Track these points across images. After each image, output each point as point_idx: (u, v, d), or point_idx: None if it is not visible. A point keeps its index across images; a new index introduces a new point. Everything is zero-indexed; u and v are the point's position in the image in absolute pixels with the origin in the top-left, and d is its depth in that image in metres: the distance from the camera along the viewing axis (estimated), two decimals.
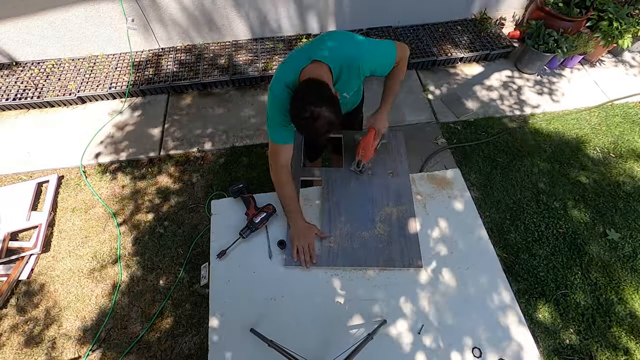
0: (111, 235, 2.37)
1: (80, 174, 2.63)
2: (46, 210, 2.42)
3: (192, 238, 2.34)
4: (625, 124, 2.97)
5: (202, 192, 2.55)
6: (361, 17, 3.33)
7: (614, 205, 2.53)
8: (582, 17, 3.06)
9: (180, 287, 2.18)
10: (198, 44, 3.28)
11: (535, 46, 3.05)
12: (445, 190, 1.61)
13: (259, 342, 1.16)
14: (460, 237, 1.47)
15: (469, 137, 2.86)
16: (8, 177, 2.63)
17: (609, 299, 2.16)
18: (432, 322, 1.29)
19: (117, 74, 3.07)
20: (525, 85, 3.22)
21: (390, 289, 1.35)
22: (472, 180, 2.63)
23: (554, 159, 2.75)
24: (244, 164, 2.69)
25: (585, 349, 2.02)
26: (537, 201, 2.53)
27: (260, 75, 3.06)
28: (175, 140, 2.81)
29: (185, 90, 3.11)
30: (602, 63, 3.43)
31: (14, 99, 2.90)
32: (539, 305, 2.14)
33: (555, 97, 3.15)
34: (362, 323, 1.28)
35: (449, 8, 3.42)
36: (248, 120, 2.94)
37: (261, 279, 1.37)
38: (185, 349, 2.00)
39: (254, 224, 1.42)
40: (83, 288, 2.18)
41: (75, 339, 2.02)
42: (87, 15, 2.87)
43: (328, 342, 1.23)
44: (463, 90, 3.16)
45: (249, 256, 1.42)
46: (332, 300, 1.33)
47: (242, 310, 1.30)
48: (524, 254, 2.31)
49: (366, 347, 1.13)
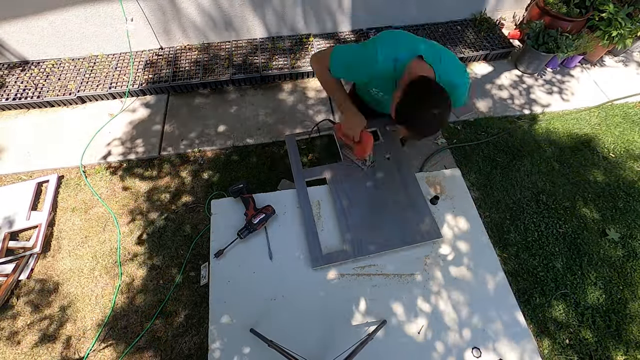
0: (111, 235, 2.37)
1: (80, 174, 2.63)
2: (46, 210, 2.42)
3: (192, 238, 2.34)
4: (625, 124, 2.97)
5: (202, 192, 2.55)
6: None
7: (614, 205, 2.53)
8: (582, 17, 3.06)
9: (180, 287, 2.18)
10: (200, 43, 3.28)
11: (535, 46, 3.05)
12: (444, 190, 1.61)
13: (259, 342, 1.16)
14: (460, 237, 1.47)
15: (469, 137, 2.86)
16: (8, 177, 2.63)
17: (609, 299, 2.16)
18: (432, 322, 1.29)
19: (117, 74, 3.07)
20: (525, 85, 3.22)
21: (390, 289, 1.35)
22: (472, 180, 2.63)
23: (553, 159, 2.76)
24: (244, 163, 2.69)
25: (585, 348, 2.02)
26: (537, 201, 2.54)
27: (260, 75, 3.06)
28: (175, 140, 2.81)
29: (185, 89, 3.11)
30: (602, 63, 3.43)
31: (13, 99, 2.90)
32: (539, 305, 2.14)
33: (555, 97, 3.15)
34: (362, 323, 1.28)
35: (448, 8, 3.42)
36: (248, 119, 2.94)
37: (261, 279, 1.37)
38: (185, 349, 2.00)
39: (252, 225, 1.42)
40: (83, 288, 2.18)
41: (75, 339, 2.02)
42: (87, 15, 2.87)
43: (328, 342, 1.23)
44: None
45: (249, 256, 1.42)
46: (332, 301, 1.33)
47: (242, 310, 1.30)
48: (524, 254, 2.31)
49: (366, 347, 1.13)
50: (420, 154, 2.75)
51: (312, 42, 3.30)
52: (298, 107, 3.03)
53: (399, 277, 1.38)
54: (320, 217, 1.51)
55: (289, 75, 3.14)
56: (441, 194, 1.60)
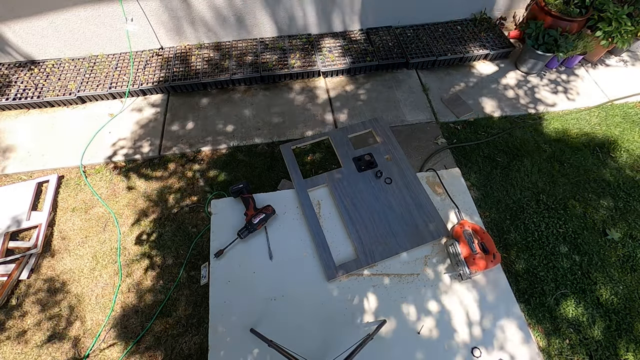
0: (111, 235, 2.37)
1: (80, 174, 2.63)
2: (46, 210, 2.42)
3: (192, 238, 2.34)
4: (625, 124, 2.97)
5: (202, 192, 2.55)
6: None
7: (614, 205, 2.53)
8: (582, 17, 3.06)
9: (180, 287, 2.18)
10: (200, 43, 3.28)
11: (535, 46, 3.05)
12: (444, 190, 1.61)
13: (259, 342, 1.16)
14: None
15: (469, 137, 2.86)
16: (8, 177, 2.63)
17: (609, 299, 2.16)
18: (432, 322, 1.29)
19: (117, 74, 3.07)
20: (525, 85, 3.22)
21: (390, 289, 1.35)
22: (472, 180, 2.63)
23: (553, 158, 2.75)
24: (244, 163, 2.69)
25: (586, 348, 2.02)
26: (537, 201, 2.53)
27: (260, 75, 3.06)
28: (175, 140, 2.81)
29: (185, 89, 3.11)
30: (602, 63, 3.43)
31: (14, 99, 2.90)
32: (539, 305, 2.14)
33: (556, 97, 3.15)
34: (362, 323, 1.28)
35: (448, 8, 3.42)
36: (249, 119, 2.94)
37: (261, 279, 1.37)
38: (185, 348, 2.00)
39: (252, 225, 1.42)
40: (83, 288, 2.19)
41: (75, 339, 2.02)
42: (88, 15, 2.87)
43: (328, 342, 1.23)
44: (463, 90, 3.16)
45: (249, 256, 1.42)
46: (332, 301, 1.33)
47: (242, 310, 1.30)
48: (524, 253, 2.31)
49: (366, 347, 1.13)
50: (420, 154, 2.75)
51: (320, 41, 3.30)
52: (300, 106, 3.03)
53: (399, 278, 1.38)
54: (321, 217, 1.51)
55: (289, 75, 3.14)
56: (441, 194, 1.60)
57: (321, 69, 3.12)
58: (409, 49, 3.25)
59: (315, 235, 1.44)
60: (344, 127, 1.87)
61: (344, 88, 3.16)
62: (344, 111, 3.00)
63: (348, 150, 1.69)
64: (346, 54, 3.23)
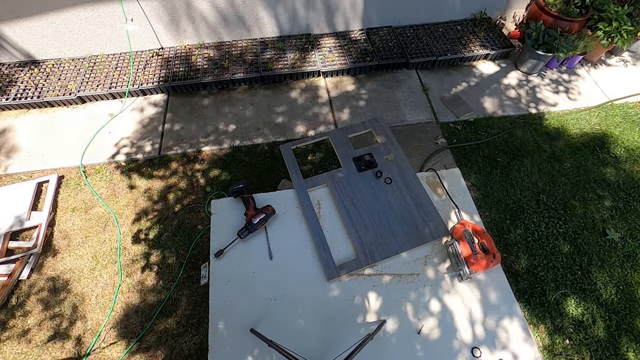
0: (111, 235, 2.37)
1: (80, 174, 2.63)
2: (46, 210, 2.42)
3: (192, 238, 2.34)
4: (625, 124, 2.97)
5: (202, 192, 2.55)
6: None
7: (614, 205, 2.53)
8: (582, 17, 3.06)
9: (180, 287, 2.18)
10: (200, 43, 3.28)
11: (536, 46, 3.05)
12: (444, 190, 1.61)
13: (259, 342, 1.16)
14: None
15: (469, 137, 2.86)
16: (8, 177, 2.63)
17: (609, 299, 2.16)
18: (432, 322, 1.29)
19: (117, 74, 3.07)
20: (525, 85, 3.22)
21: (390, 289, 1.35)
22: (472, 180, 2.63)
23: (553, 158, 2.75)
24: (244, 163, 2.69)
25: (586, 348, 2.02)
26: (537, 201, 2.53)
27: (260, 75, 3.06)
28: (175, 140, 2.81)
29: (185, 89, 3.11)
30: (603, 63, 3.43)
31: (14, 99, 2.90)
32: (540, 305, 2.14)
33: (556, 97, 3.15)
34: (362, 323, 1.28)
35: (448, 8, 3.42)
36: (249, 119, 2.94)
37: (261, 279, 1.37)
38: (185, 348, 2.00)
39: (252, 225, 1.42)
40: (83, 288, 2.19)
41: (75, 339, 2.02)
42: (88, 15, 2.87)
43: (328, 342, 1.23)
44: (463, 90, 3.16)
45: (249, 256, 1.42)
46: (332, 301, 1.33)
47: (242, 310, 1.30)
48: (524, 253, 2.31)
49: (366, 347, 1.13)
50: (420, 154, 2.75)
51: (321, 41, 3.30)
52: (300, 106, 3.03)
53: (399, 278, 1.38)
54: (321, 217, 1.51)
55: (290, 75, 3.14)
56: (441, 194, 1.59)
57: (321, 69, 3.12)
58: (409, 49, 3.25)
59: (315, 235, 1.44)
60: (344, 127, 1.87)
61: (344, 88, 3.16)
62: (344, 111, 3.00)
63: (348, 150, 1.69)
64: (346, 54, 3.23)
